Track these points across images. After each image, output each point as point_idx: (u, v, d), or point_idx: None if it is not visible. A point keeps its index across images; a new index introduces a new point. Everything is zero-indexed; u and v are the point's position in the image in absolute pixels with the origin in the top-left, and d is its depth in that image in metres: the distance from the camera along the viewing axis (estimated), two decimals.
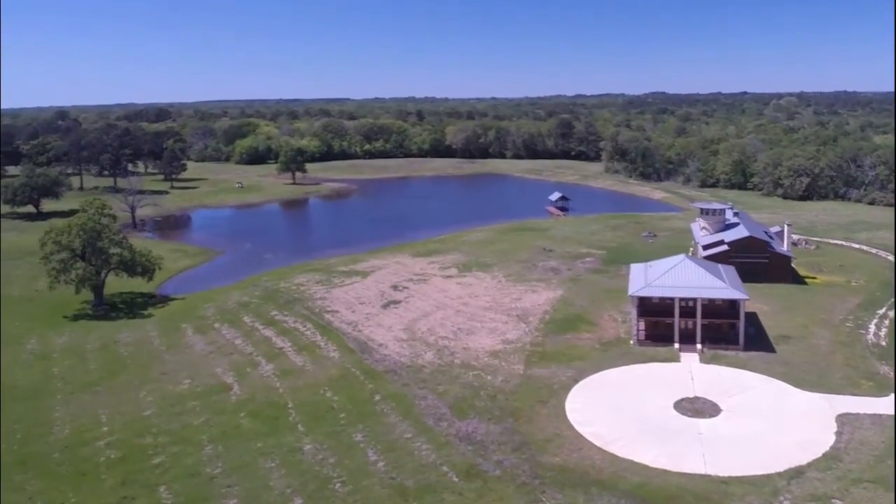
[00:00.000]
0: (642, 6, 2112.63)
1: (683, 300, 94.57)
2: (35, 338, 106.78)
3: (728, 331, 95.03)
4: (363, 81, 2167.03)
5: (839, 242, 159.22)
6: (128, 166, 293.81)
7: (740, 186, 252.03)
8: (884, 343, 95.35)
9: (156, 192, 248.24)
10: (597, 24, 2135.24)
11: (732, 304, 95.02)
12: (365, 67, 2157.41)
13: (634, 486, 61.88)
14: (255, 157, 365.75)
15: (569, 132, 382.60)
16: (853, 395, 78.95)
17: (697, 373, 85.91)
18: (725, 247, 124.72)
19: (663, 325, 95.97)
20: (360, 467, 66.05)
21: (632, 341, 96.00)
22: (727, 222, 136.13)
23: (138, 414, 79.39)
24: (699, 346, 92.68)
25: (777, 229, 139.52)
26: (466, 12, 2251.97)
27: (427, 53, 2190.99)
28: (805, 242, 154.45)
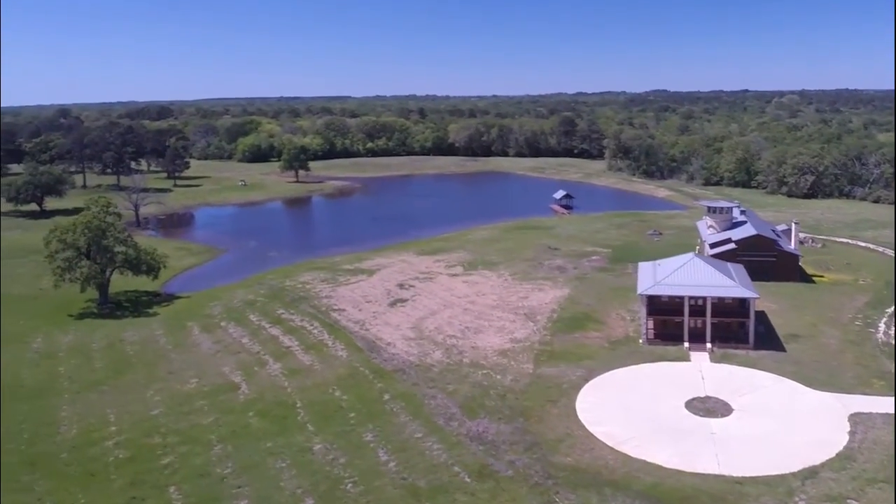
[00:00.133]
0: (642, 4, 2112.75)
1: (693, 299, 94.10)
2: (40, 336, 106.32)
3: (738, 330, 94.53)
4: (364, 79, 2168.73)
5: (845, 241, 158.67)
6: (131, 164, 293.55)
7: (744, 184, 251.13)
8: (893, 342, 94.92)
9: (159, 190, 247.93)
10: (597, 21, 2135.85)
11: (742, 302, 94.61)
12: (365, 65, 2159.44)
13: (648, 487, 61.46)
14: (257, 155, 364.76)
15: (571, 130, 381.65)
16: (865, 395, 78.44)
17: (708, 372, 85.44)
18: (733, 245, 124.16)
19: (672, 324, 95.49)
20: (372, 467, 65.62)
21: (641, 340, 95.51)
22: (734, 220, 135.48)
23: (146, 413, 78.95)
24: (709, 345, 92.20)
25: (783, 227, 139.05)
26: (466, 10, 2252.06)
27: (428, 51, 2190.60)
28: (811, 240, 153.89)
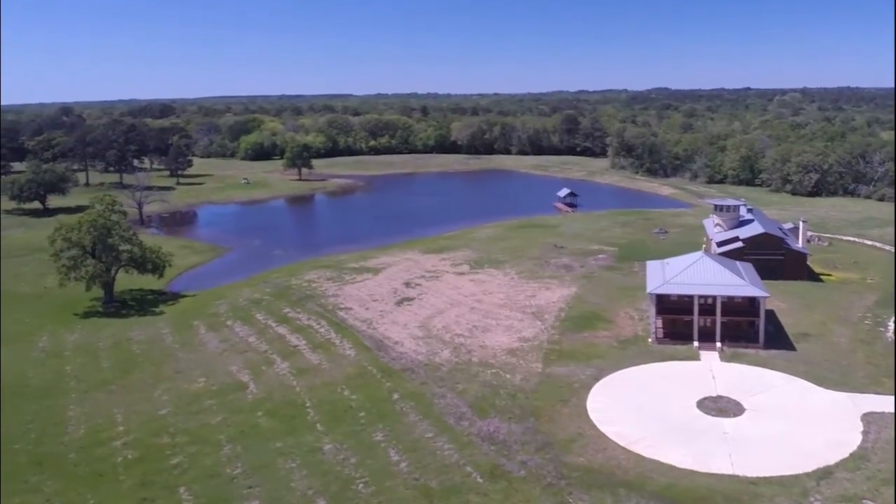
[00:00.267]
0: (643, 2, 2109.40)
1: (703, 298, 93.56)
2: (46, 335, 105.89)
3: (747, 329, 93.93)
4: (366, 77, 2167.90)
5: (851, 239, 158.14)
6: (133, 162, 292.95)
7: (748, 182, 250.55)
8: (893, 342, 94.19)
9: (162, 189, 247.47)
10: (598, 19, 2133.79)
11: (752, 301, 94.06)
12: (367, 63, 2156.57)
13: (662, 487, 60.97)
14: (260, 153, 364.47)
15: (574, 128, 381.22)
16: (877, 394, 77.95)
17: (718, 371, 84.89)
18: (740, 243, 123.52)
19: (682, 323, 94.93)
20: (383, 468, 65.13)
21: (650, 339, 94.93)
22: (741, 219, 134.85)
23: (154, 413, 78.49)
24: (719, 345, 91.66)
25: (790, 226, 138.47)
26: (467, 8, 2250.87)
27: (429, 49, 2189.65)
28: (818, 239, 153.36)
